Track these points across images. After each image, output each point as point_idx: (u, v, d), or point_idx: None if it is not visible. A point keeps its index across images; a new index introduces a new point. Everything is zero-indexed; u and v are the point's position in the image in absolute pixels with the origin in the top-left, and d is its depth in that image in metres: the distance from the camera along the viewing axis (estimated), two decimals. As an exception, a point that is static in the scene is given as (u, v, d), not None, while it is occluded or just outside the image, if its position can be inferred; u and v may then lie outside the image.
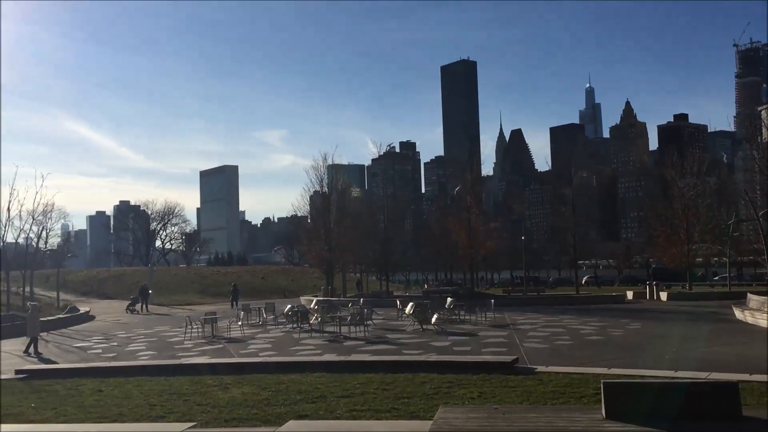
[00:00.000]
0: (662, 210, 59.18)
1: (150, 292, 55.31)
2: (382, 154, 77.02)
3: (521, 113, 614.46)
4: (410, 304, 32.90)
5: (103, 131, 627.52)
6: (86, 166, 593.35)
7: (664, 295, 48.29)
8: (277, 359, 20.94)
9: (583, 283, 76.28)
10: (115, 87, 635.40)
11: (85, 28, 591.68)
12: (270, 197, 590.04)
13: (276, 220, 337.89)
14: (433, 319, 29.50)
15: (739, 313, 31.94)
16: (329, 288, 58.18)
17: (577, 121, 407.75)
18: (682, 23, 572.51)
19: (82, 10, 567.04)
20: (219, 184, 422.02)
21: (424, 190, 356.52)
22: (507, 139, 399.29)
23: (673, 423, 9.25)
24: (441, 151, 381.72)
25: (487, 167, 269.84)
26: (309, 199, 66.59)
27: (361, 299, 42.02)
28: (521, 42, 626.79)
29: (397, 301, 38.00)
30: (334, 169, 65.03)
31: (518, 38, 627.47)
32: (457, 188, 65.45)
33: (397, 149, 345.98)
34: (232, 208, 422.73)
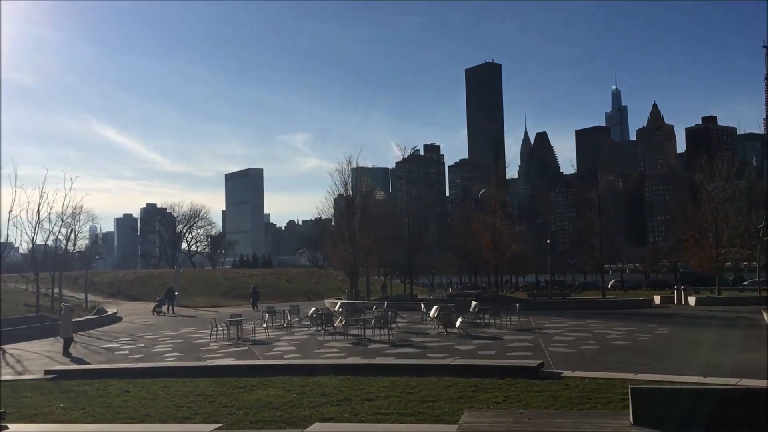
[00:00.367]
0: (690, 214, 58.34)
1: (176, 294, 55.77)
2: (406, 156, 77.11)
3: (546, 116, 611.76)
4: (434, 307, 32.75)
5: (132, 135, 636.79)
6: (114, 169, 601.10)
7: (692, 300, 47.55)
8: (301, 362, 21.02)
9: (609, 287, 75.49)
10: (144, 91, 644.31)
11: (115, 33, 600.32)
12: (294, 200, 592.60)
13: (300, 223, 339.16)
14: (458, 323, 29.42)
15: (769, 319, 31.35)
16: (353, 291, 58.24)
17: (603, 124, 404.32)
18: (711, 24, 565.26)
19: (113, 15, 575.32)
20: (244, 187, 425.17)
21: (448, 193, 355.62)
22: (532, 142, 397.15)
23: (703, 430, 9.11)
24: (465, 154, 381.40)
25: (512, 170, 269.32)
26: (333, 201, 66.74)
27: (385, 302, 42.00)
28: (546, 44, 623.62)
29: (422, 305, 37.93)
30: (359, 172, 65.10)
31: (543, 40, 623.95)
32: (481, 191, 64.94)
33: (422, 152, 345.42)
34: (257, 210, 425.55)
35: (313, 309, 34.46)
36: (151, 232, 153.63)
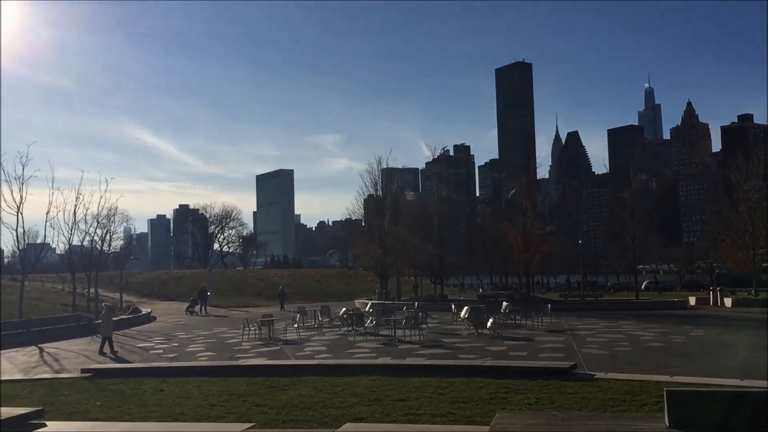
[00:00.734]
0: (726, 213, 57.41)
1: (209, 294, 56.41)
2: (436, 157, 77.03)
3: (578, 115, 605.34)
4: (465, 308, 32.63)
5: (165, 137, 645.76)
6: (148, 170, 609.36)
7: (728, 301, 46.73)
8: (332, 362, 21.10)
9: (643, 288, 74.52)
10: (176, 93, 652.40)
11: (149, 35, 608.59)
12: (325, 201, 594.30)
13: (331, 224, 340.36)
14: (489, 324, 29.27)
15: (809, 321, 30.70)
16: (384, 291, 58.32)
17: (636, 123, 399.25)
18: (745, 20, 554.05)
19: (148, 17, 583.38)
20: (275, 188, 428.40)
21: (478, 194, 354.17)
22: (563, 142, 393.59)
23: (741, 434, 8.96)
24: (496, 154, 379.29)
25: (543, 170, 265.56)
26: (363, 202, 66.94)
27: (416, 303, 41.97)
28: (578, 42, 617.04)
29: (452, 305, 37.81)
30: (389, 173, 65.24)
31: (575, 39, 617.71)
32: (512, 191, 64.65)
33: (452, 152, 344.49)
34: (288, 211, 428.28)
35: (344, 309, 34.57)
36: (184, 233, 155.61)
